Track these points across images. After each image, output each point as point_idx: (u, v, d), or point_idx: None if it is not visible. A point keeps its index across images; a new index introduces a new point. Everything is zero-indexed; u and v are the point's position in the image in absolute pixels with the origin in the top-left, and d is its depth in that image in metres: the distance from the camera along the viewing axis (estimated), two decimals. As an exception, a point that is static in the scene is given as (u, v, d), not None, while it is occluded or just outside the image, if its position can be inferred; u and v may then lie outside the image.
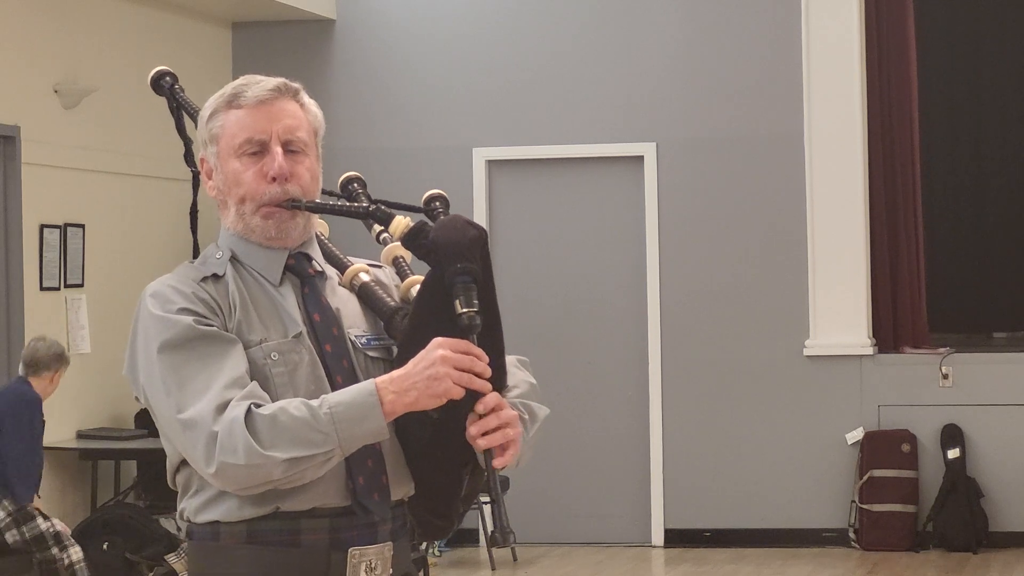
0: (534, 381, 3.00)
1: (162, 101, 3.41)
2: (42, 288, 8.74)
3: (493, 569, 9.51)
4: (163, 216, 9.81)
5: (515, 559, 9.66)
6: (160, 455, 2.97)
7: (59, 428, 8.83)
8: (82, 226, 9.07)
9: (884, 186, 10.19)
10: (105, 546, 8.39)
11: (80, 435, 8.96)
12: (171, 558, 8.42)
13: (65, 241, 8.92)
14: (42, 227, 8.75)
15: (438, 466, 2.88)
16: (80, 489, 8.96)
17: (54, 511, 8.77)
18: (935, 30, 11.49)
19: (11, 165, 8.54)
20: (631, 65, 10.26)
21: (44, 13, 8.84)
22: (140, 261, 9.59)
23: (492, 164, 10.43)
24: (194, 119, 3.09)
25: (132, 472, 9.26)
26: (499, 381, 2.83)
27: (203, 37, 10.32)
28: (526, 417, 2.89)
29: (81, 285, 9.05)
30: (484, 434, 2.75)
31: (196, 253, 3.41)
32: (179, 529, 9.59)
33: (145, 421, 9.23)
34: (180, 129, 3.23)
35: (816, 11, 10.00)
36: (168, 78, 3.26)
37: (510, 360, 2.97)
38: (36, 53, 8.78)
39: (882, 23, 10.25)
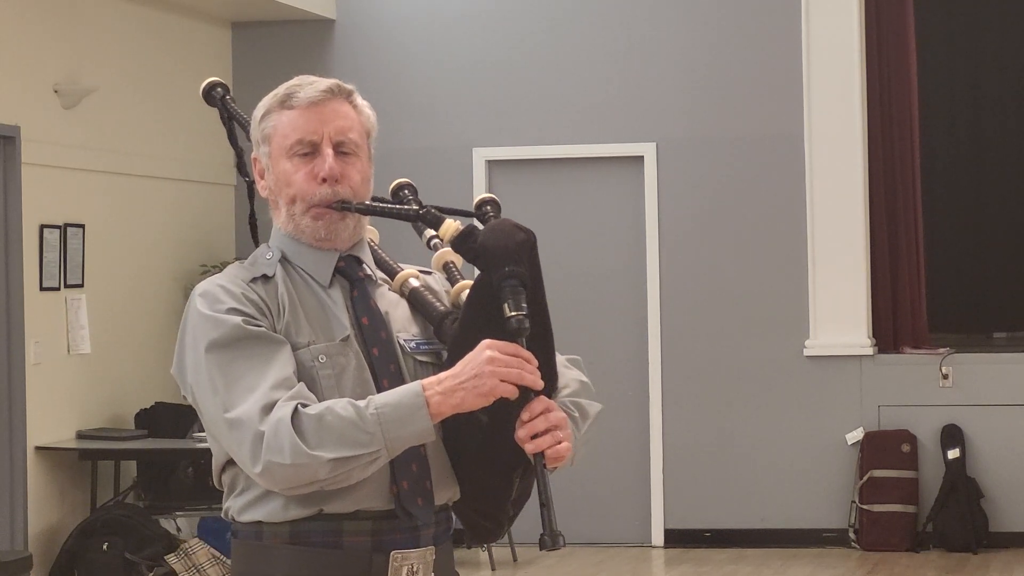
0: (586, 379, 3.01)
1: (162, 101, 3.41)
2: (42, 288, 8.74)
3: (493, 569, 9.51)
4: (163, 216, 9.81)
5: (515, 559, 9.66)
6: (159, 456, 2.98)
7: (59, 428, 8.83)
8: (82, 226, 9.07)
9: (884, 186, 10.19)
10: (105, 546, 8.39)
11: (80, 435, 8.96)
12: (171, 558, 8.42)
13: (65, 241, 8.91)
14: (42, 227, 8.75)
15: (488, 470, 2.89)
16: (80, 489, 8.96)
17: (54, 511, 8.78)
18: (935, 30, 11.50)
19: (11, 165, 8.54)
20: (631, 65, 10.26)
21: (44, 13, 8.84)
22: (140, 261, 9.59)
23: (492, 164, 10.43)
24: (245, 129, 3.09)
25: (132, 472, 9.26)
26: (549, 383, 2.84)
27: (203, 37, 10.31)
28: (576, 415, 2.90)
29: (81, 285, 9.05)
30: (533, 437, 2.75)
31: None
32: (179, 530, 9.63)
33: (145, 421, 9.24)
34: (232, 139, 3.22)
35: (816, 11, 10.00)
36: (220, 89, 3.26)
37: (560, 360, 2.97)
38: (36, 53, 8.78)
39: (882, 23, 10.25)
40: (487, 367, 2.71)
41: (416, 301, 2.97)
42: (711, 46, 10.18)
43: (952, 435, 9.84)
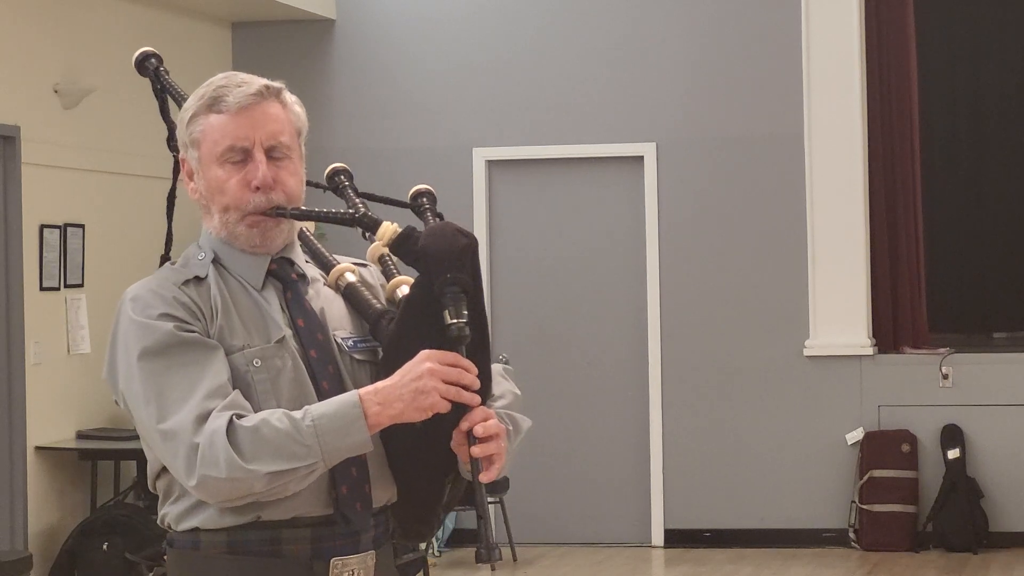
0: (518, 392, 2.97)
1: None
2: (42, 288, 8.74)
3: (493, 569, 9.50)
4: (163, 216, 9.79)
5: (515, 559, 9.65)
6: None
7: (59, 428, 8.83)
8: (82, 226, 9.07)
9: (884, 186, 10.19)
10: (105, 546, 8.39)
11: (80, 435, 8.96)
12: (171, 558, 8.41)
13: (65, 241, 8.91)
14: (42, 227, 8.75)
15: (420, 473, 2.86)
16: (80, 489, 8.96)
17: (54, 511, 8.77)
18: (935, 30, 11.49)
19: (11, 165, 8.53)
20: (631, 65, 10.26)
21: (44, 13, 8.84)
22: (140, 261, 9.58)
23: (492, 164, 10.43)
24: (179, 103, 3.03)
25: (132, 472, 9.25)
26: (485, 392, 2.80)
27: (203, 37, 10.31)
28: (510, 428, 2.86)
29: (81, 285, 9.05)
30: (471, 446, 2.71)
31: (170, 240, 3.38)
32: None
33: (145, 421, 9.23)
34: (164, 112, 3.18)
35: (816, 11, 10.00)
36: (153, 60, 3.22)
37: (495, 369, 2.93)
38: (36, 53, 8.78)
39: (882, 23, 10.25)
40: (427, 379, 2.68)
41: (352, 298, 2.93)
42: (711, 46, 10.18)
43: (952, 435, 9.84)
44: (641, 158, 10.26)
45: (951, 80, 11.89)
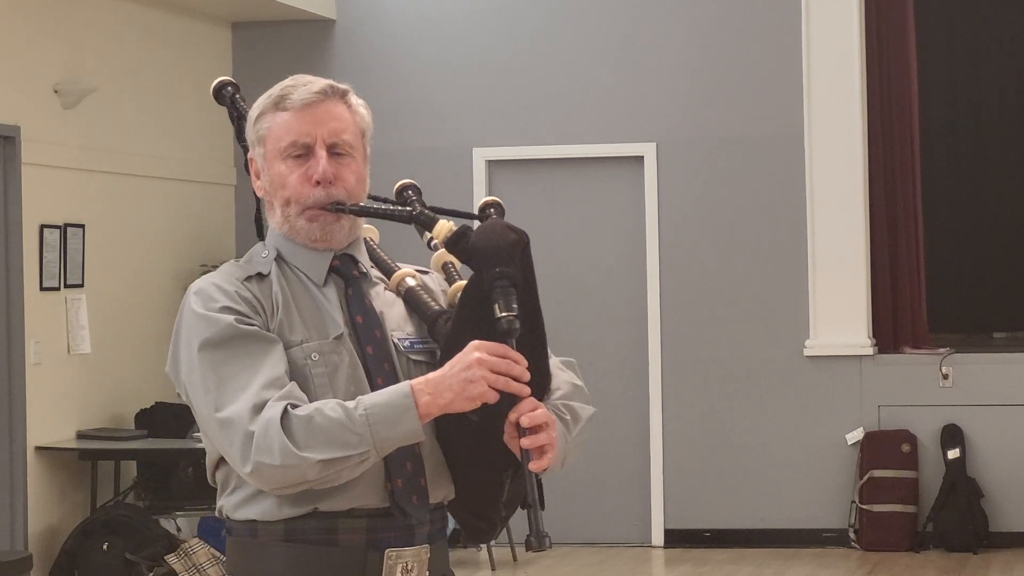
0: (579, 382, 3.01)
1: (162, 101, 3.40)
2: (42, 288, 8.74)
3: (493, 569, 9.51)
4: (163, 216, 9.81)
5: (515, 559, 9.65)
6: (159, 456, 2.98)
7: (59, 428, 8.83)
8: (82, 226, 9.06)
9: (884, 186, 10.19)
10: (105, 546, 8.39)
11: (80, 435, 8.96)
12: (171, 558, 8.42)
13: (65, 241, 8.91)
14: (42, 227, 8.75)
15: (479, 470, 2.89)
16: (80, 489, 8.96)
17: (54, 511, 8.78)
18: (935, 30, 11.50)
19: (11, 165, 8.53)
20: (631, 65, 10.26)
21: (44, 13, 8.84)
22: (140, 261, 9.59)
23: (492, 164, 10.43)
24: None
25: (132, 472, 9.25)
26: (541, 384, 2.84)
27: (203, 37, 10.31)
28: (567, 418, 2.90)
29: (81, 285, 9.05)
30: (521, 437, 2.74)
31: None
32: (179, 530, 9.63)
33: (145, 421, 9.23)
34: (240, 137, 3.23)
35: (816, 11, 10.00)
36: (230, 88, 3.27)
37: (554, 362, 2.97)
38: (36, 53, 8.78)
39: (882, 23, 10.25)
40: (475, 369, 2.71)
41: (411, 300, 2.98)
42: (711, 46, 10.18)
43: (952, 435, 9.84)
44: (641, 158, 10.27)
45: (951, 80, 11.90)
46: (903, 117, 10.30)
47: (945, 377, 9.90)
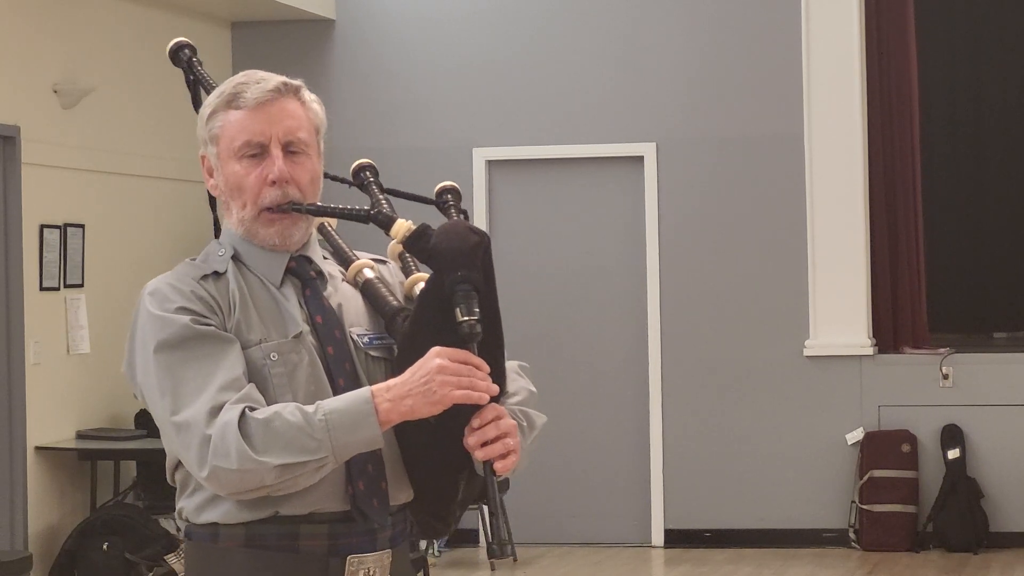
0: (534, 389, 2.98)
1: (162, 101, 3.38)
2: (42, 288, 8.74)
3: (493, 569, 9.51)
4: (163, 216, 9.81)
5: (515, 559, 9.66)
6: (160, 455, 2.97)
7: (58, 428, 8.83)
8: (82, 226, 9.06)
9: (884, 186, 10.19)
10: (105, 546, 8.39)
11: (79, 435, 8.96)
12: (171, 558, 8.42)
13: (65, 241, 8.91)
14: (42, 227, 8.75)
15: (434, 471, 2.87)
16: (79, 489, 8.96)
17: (53, 511, 8.77)
18: (935, 30, 11.50)
19: (11, 165, 8.53)
20: (631, 65, 10.26)
21: (44, 13, 8.84)
22: (140, 261, 9.58)
23: (492, 164, 10.43)
24: (210, 93, 3.04)
25: (131, 472, 9.25)
26: (499, 389, 2.80)
27: (203, 37, 10.30)
28: (524, 425, 2.87)
29: (81, 285, 9.05)
30: (483, 445, 2.73)
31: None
32: (178, 529, 9.59)
33: (145, 421, 9.23)
34: (196, 104, 3.16)
35: (816, 11, 10.00)
36: (187, 50, 3.23)
37: (510, 366, 2.95)
38: (36, 53, 8.78)
39: (882, 23, 10.25)
40: (437, 376, 2.69)
41: (369, 294, 2.95)
42: (711, 46, 10.18)
43: (952, 435, 9.84)
44: (641, 158, 10.26)
45: (951, 80, 11.90)
46: (903, 117, 10.30)
47: (945, 377, 9.90)
